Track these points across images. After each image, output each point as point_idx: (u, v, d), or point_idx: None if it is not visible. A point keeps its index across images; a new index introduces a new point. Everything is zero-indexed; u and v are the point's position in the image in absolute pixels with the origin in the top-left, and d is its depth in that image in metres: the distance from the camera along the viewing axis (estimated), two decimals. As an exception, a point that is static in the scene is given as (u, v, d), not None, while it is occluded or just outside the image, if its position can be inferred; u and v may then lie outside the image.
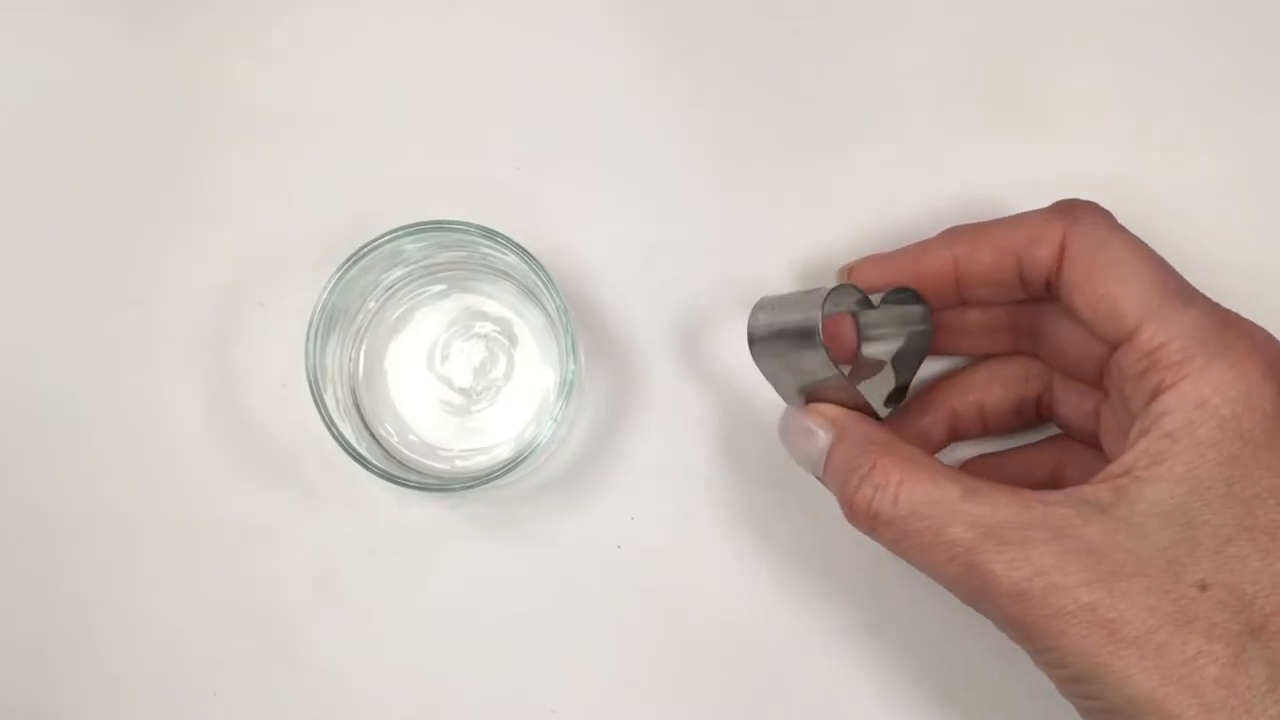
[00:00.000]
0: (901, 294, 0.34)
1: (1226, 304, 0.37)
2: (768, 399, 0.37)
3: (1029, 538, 0.28)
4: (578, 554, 0.38)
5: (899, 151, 0.39)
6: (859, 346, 0.36)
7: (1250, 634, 0.27)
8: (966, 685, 0.37)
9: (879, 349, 0.36)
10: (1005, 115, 0.39)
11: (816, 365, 0.31)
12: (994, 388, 0.36)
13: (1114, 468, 0.29)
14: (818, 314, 0.31)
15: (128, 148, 0.40)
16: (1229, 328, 0.29)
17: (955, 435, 0.36)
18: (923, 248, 0.34)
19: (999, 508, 0.29)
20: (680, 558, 0.38)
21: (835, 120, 0.40)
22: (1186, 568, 0.27)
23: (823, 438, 0.32)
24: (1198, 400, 0.28)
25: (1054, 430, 0.37)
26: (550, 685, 0.37)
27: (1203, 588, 0.27)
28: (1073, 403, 0.35)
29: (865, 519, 0.30)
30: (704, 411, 0.38)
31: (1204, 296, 0.31)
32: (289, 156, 0.40)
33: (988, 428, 0.36)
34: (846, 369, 0.35)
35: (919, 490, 0.29)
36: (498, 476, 0.34)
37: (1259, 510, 0.28)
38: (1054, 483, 0.36)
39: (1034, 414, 0.36)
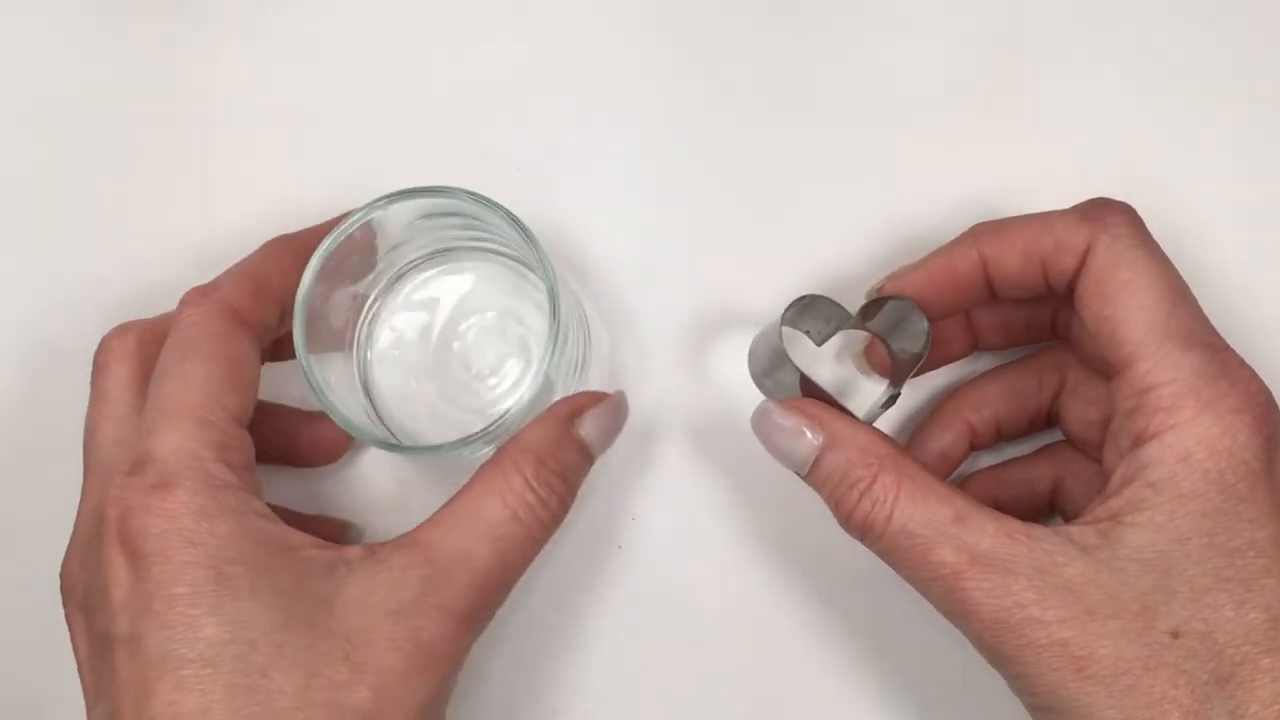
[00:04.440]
0: (889, 301, 0.34)
1: (1224, 303, 0.37)
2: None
3: (1012, 570, 0.29)
4: (578, 554, 0.38)
5: (900, 151, 0.39)
6: (887, 355, 0.36)
7: (1217, 683, 0.27)
8: (966, 686, 0.37)
9: (902, 347, 0.36)
10: (1006, 115, 0.40)
11: (793, 377, 0.32)
12: (1009, 400, 0.36)
13: (1100, 511, 0.30)
14: (778, 326, 0.32)
15: (128, 148, 0.40)
16: (1223, 377, 0.29)
17: (973, 448, 0.37)
18: (950, 255, 0.33)
19: (986, 536, 0.29)
20: (680, 557, 0.38)
21: (836, 120, 0.40)
22: (1161, 614, 0.28)
23: (811, 440, 0.32)
24: (1182, 453, 0.29)
25: (1055, 436, 0.37)
26: (550, 685, 0.37)
27: (1175, 635, 0.28)
28: (1079, 413, 0.35)
29: (859, 529, 0.31)
30: (705, 411, 0.38)
31: (1208, 335, 0.30)
32: (288, 158, 0.40)
33: (1002, 437, 0.37)
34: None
35: (912, 508, 0.30)
36: (473, 440, 0.33)
37: (1239, 562, 0.28)
38: (1055, 495, 0.36)
39: (1044, 421, 0.36)
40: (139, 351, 0.33)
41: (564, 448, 0.32)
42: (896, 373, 0.35)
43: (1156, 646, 0.28)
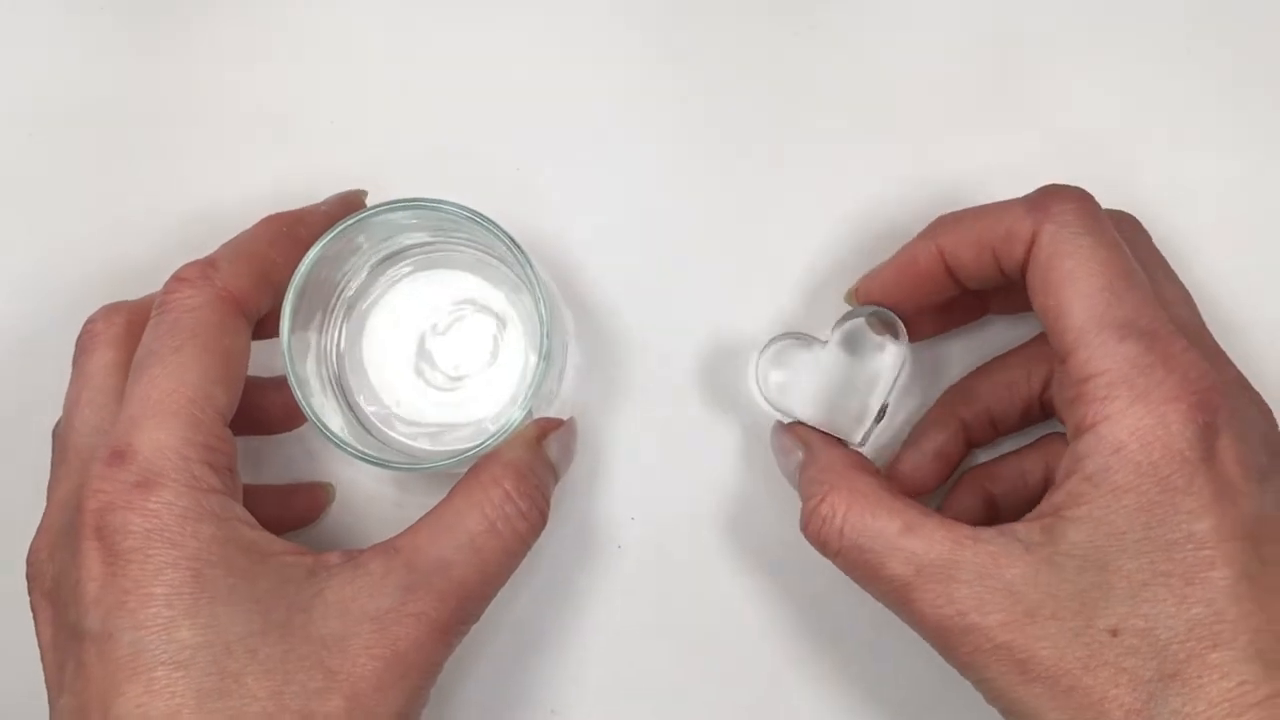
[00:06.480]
0: (863, 313, 0.35)
1: (1223, 305, 0.37)
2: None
3: (954, 576, 0.29)
4: (578, 554, 0.38)
5: (899, 150, 0.39)
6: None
7: (1162, 681, 0.27)
8: (964, 687, 0.37)
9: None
10: (1006, 115, 0.39)
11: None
12: (1000, 393, 0.36)
13: (1044, 506, 0.30)
14: (764, 380, 0.35)
15: (125, 146, 0.40)
16: (1160, 365, 0.29)
17: (971, 445, 0.37)
18: (912, 251, 0.34)
19: (933, 544, 0.29)
20: (680, 558, 0.38)
21: (835, 119, 0.40)
22: (1099, 612, 0.28)
23: (795, 458, 0.34)
24: (1115, 445, 0.28)
25: (1055, 427, 0.37)
26: (550, 685, 0.37)
27: (1114, 633, 0.28)
28: None
29: (816, 545, 0.32)
30: (704, 411, 0.38)
31: (1151, 322, 0.29)
32: (286, 156, 0.40)
33: (998, 431, 0.36)
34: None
35: (861, 524, 0.30)
36: (458, 460, 0.33)
37: (1177, 555, 0.27)
38: (1048, 485, 0.36)
39: (1039, 411, 0.36)
40: (126, 335, 0.32)
41: (538, 465, 0.33)
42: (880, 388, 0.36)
43: (1096, 645, 0.27)
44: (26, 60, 0.41)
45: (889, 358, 0.36)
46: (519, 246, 0.32)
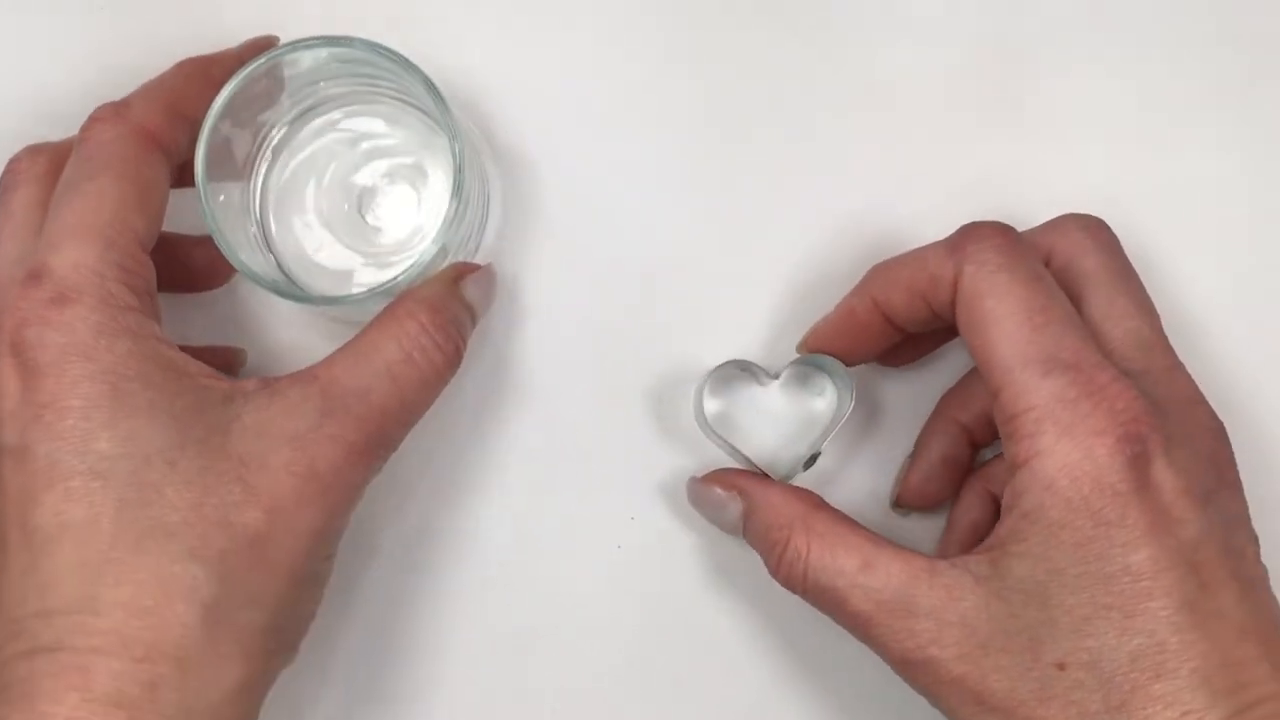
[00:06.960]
0: (811, 362, 0.36)
1: (1221, 305, 0.37)
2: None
3: (912, 611, 0.29)
4: (578, 554, 0.38)
5: (897, 152, 0.39)
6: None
7: (1109, 713, 0.27)
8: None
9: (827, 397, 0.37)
10: (1005, 117, 0.39)
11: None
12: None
13: (992, 539, 0.30)
14: (700, 404, 0.36)
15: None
16: (1085, 399, 0.29)
17: (977, 445, 0.36)
18: (849, 304, 0.34)
19: (890, 579, 0.30)
20: (680, 557, 0.38)
21: (834, 122, 0.39)
22: (1046, 646, 0.28)
23: (734, 508, 0.34)
24: (1046, 482, 0.28)
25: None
26: (550, 685, 0.37)
27: (1061, 667, 0.28)
28: None
29: (785, 585, 0.32)
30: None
31: (1075, 355, 0.29)
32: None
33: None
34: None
35: (822, 564, 0.31)
36: (374, 293, 0.33)
37: (1115, 588, 0.28)
38: None
39: None
40: (49, 174, 0.32)
41: (453, 302, 0.33)
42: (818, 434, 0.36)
43: (1045, 680, 0.28)
44: (24, 58, 0.40)
45: (829, 406, 0.36)
46: (434, 87, 0.33)
